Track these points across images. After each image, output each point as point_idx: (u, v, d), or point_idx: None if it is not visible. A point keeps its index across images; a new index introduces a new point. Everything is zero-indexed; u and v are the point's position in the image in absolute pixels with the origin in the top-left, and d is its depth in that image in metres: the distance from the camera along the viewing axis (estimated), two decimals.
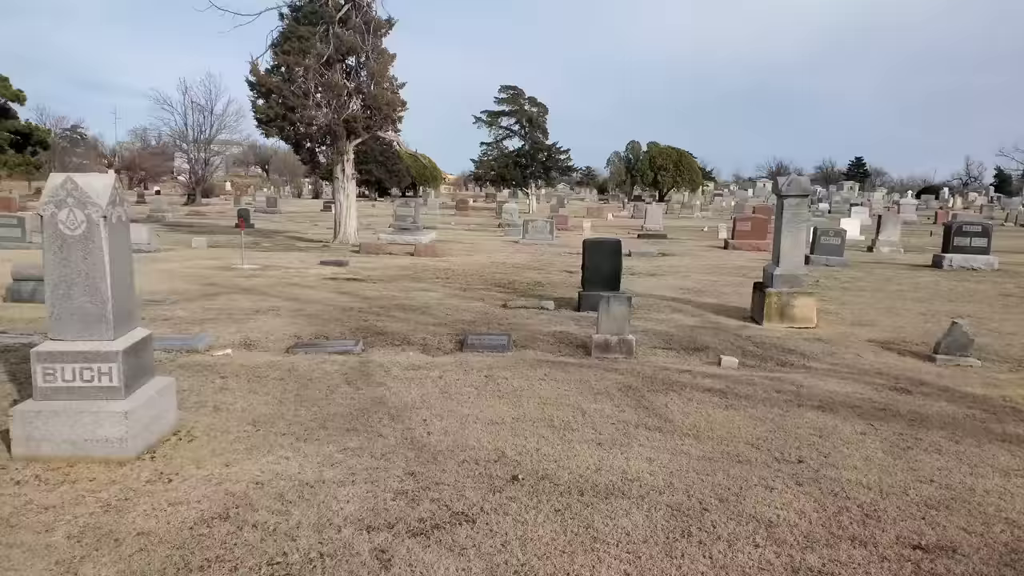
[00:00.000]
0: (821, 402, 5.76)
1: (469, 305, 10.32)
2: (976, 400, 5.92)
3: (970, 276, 15.10)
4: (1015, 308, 11.00)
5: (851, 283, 13.70)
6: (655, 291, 12.23)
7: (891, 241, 21.67)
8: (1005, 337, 8.74)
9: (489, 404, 5.59)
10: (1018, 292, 12.75)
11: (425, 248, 18.09)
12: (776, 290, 9.49)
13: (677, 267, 16.21)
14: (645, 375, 6.51)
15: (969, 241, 16.64)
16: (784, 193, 9.44)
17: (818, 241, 17.10)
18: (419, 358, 7.12)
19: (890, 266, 17.09)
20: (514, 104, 67.35)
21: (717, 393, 5.97)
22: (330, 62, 19.81)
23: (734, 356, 7.46)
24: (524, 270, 15.10)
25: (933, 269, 16.47)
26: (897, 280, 14.26)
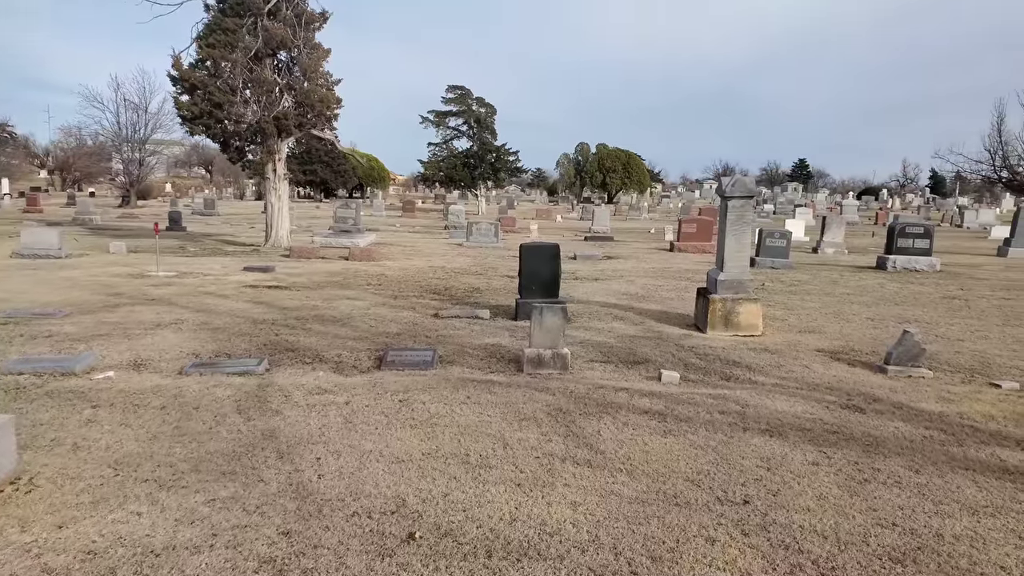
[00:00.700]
0: (769, 425, 5.21)
1: (397, 315, 9.57)
2: (933, 419, 5.46)
3: (913, 278, 14.98)
4: (960, 312, 10.77)
5: (797, 286, 13.39)
6: (597, 297, 11.67)
7: (835, 242, 21.65)
8: (953, 344, 8.40)
9: (398, 436, 4.88)
10: (961, 294, 12.59)
11: (361, 252, 17.23)
12: (720, 297, 9.01)
13: (621, 271, 15.73)
14: (579, 395, 5.89)
15: (912, 243, 16.58)
16: (728, 194, 8.96)
17: (763, 243, 16.84)
18: (329, 379, 6.36)
19: (835, 268, 16.92)
20: (462, 104, 66.56)
21: (655, 416, 5.38)
22: (259, 56, 18.78)
23: (675, 370, 6.90)
24: (463, 275, 14.40)
25: (877, 271, 16.36)
26: (843, 283, 14.02)
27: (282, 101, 19.10)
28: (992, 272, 16.53)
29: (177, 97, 18.88)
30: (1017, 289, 13.46)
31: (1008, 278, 15.32)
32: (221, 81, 18.51)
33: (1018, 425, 5.37)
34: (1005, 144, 50.88)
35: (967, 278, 15.14)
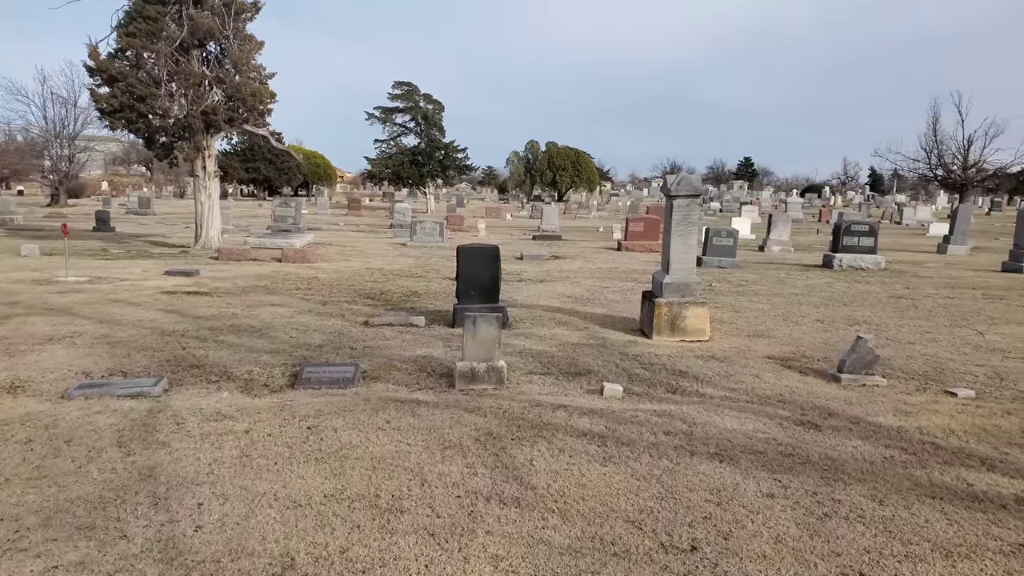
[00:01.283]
0: (718, 447, 4.73)
1: (324, 323, 8.87)
2: (892, 436, 5.06)
3: (860, 276, 14.88)
4: (908, 312, 10.58)
5: (744, 286, 13.10)
6: (542, 300, 11.14)
7: (781, 240, 21.62)
8: (905, 347, 8.12)
9: (300, 473, 4.23)
10: (908, 293, 12.46)
11: (295, 253, 16.37)
12: (666, 300, 8.56)
13: (568, 271, 15.26)
14: (513, 415, 5.32)
15: (857, 240, 16.53)
16: (673, 193, 8.51)
17: (710, 242, 16.58)
18: (233, 402, 5.66)
19: (782, 266, 16.77)
20: (409, 101, 65.40)
21: (595, 439, 4.84)
22: (185, 47, 17.71)
23: (619, 383, 6.40)
24: (403, 277, 13.72)
25: (823, 269, 16.25)
26: (790, 282, 13.80)
27: (211, 95, 18.07)
28: (934, 270, 16.60)
29: (95, 89, 17.68)
30: (960, 287, 13.43)
31: (950, 276, 15.36)
32: (143, 73, 17.40)
33: (980, 440, 5.00)
34: (940, 143, 52.35)
35: (912, 276, 15.12)
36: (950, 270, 16.70)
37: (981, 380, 6.71)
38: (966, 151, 49.78)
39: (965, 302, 11.59)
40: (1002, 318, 10.18)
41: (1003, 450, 4.81)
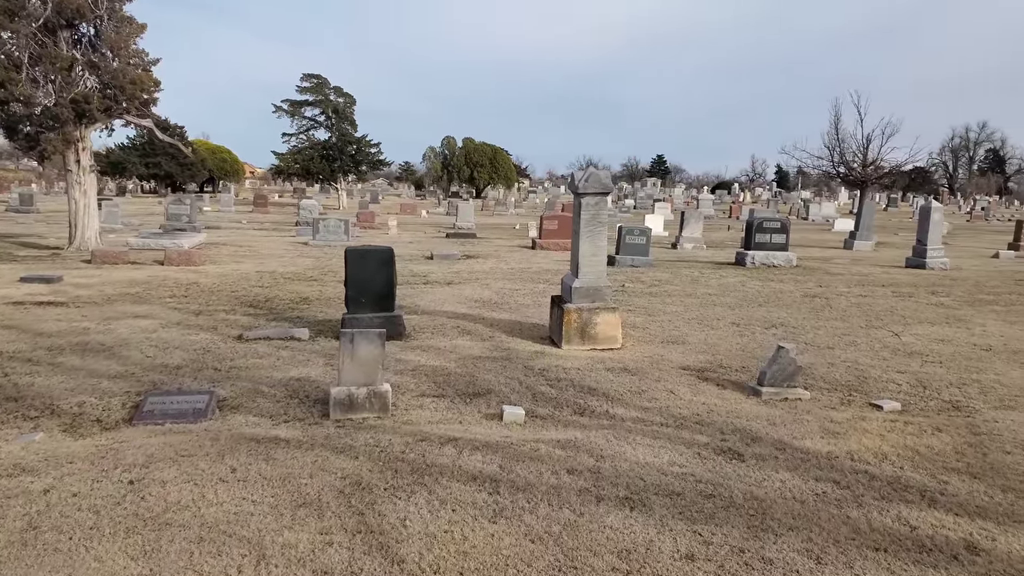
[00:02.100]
0: (629, 490, 4.03)
1: (190, 339, 7.76)
2: (822, 464, 4.49)
3: (773, 274, 14.72)
4: (823, 312, 10.30)
5: (658, 287, 12.65)
6: (446, 306, 10.31)
7: (694, 237, 21.51)
8: (824, 353, 7.72)
9: (99, 554, 3.27)
10: (821, 292, 12.28)
11: (180, 255, 14.94)
12: (575, 306, 7.88)
13: (479, 272, 14.47)
14: (391, 455, 4.48)
15: (769, 238, 16.43)
16: (581, 190, 7.84)
17: (623, 241, 16.14)
18: (44, 447, 4.58)
19: (695, 264, 16.51)
20: (318, 93, 63.14)
21: (487, 484, 4.06)
22: (51, 27, 15.93)
23: (522, 404, 5.65)
24: (296, 281, 12.61)
25: (736, 267, 16.06)
26: (704, 281, 13.45)
27: (83, 81, 16.33)
28: (844, 266, 16.69)
29: None
30: (870, 284, 13.40)
31: (860, 272, 15.42)
32: (1, 55, 15.52)
33: (915, 467, 4.50)
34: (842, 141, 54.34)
35: (823, 273, 15.08)
36: (858, 266, 16.84)
37: (905, 390, 6.31)
38: (865, 149, 51.80)
39: (877, 300, 11.46)
40: (914, 317, 10.02)
41: (941, 478, 4.31)
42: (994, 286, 13.41)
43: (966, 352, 7.85)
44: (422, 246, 20.40)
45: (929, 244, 16.50)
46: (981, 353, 7.81)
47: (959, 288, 13.06)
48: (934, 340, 8.48)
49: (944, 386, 6.42)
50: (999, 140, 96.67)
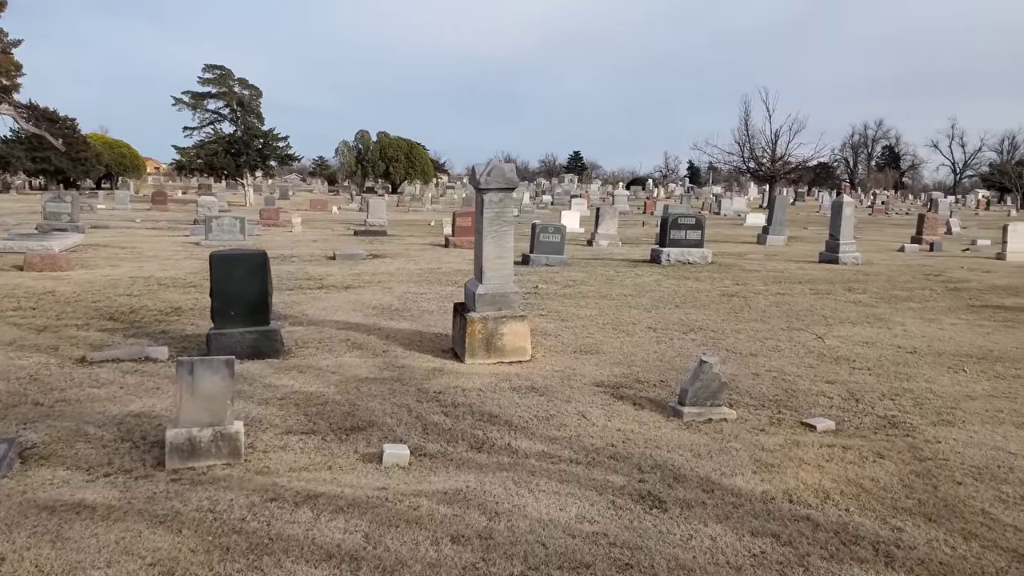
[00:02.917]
0: (526, 564, 3.18)
1: (18, 363, 6.47)
2: (757, 510, 3.78)
3: (689, 272, 14.29)
4: (742, 313, 9.81)
5: (572, 287, 11.95)
6: (340, 314, 9.27)
7: (609, 234, 21.06)
8: (747, 361, 7.13)
9: None
10: (738, 291, 11.86)
11: (45, 259, 13.25)
12: (480, 315, 7.03)
13: (383, 274, 13.43)
14: (227, 525, 3.49)
15: (684, 234, 16.04)
16: (483, 186, 6.98)
17: (537, 239, 15.40)
18: None
19: (610, 262, 15.96)
20: (221, 85, 60.09)
21: (344, 566, 3.14)
22: None
23: (408, 439, 4.75)
24: (172, 288, 11.27)
25: (652, 264, 15.59)
26: (619, 281, 12.86)
27: None
28: (759, 262, 16.49)
29: None
30: (787, 281, 13.12)
31: (775, 269, 15.20)
32: None
33: (862, 506, 3.85)
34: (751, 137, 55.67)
35: (739, 270, 14.77)
36: (773, 262, 16.68)
37: (836, 404, 5.75)
38: (774, 145, 53.21)
39: (796, 299, 11.10)
40: (834, 316, 9.65)
41: (894, 523, 3.67)
42: (906, 281, 13.37)
43: (892, 356, 7.43)
44: (327, 245, 19.15)
45: (842, 239, 16.49)
46: (907, 357, 7.40)
47: (874, 284, 12.93)
48: (858, 342, 8.06)
49: (877, 398, 5.89)
50: (894, 137, 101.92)
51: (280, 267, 14.15)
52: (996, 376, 6.67)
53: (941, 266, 16.18)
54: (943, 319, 9.62)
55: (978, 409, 5.60)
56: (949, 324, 9.28)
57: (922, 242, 21.84)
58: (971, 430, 5.08)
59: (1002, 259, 17.78)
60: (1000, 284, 13.09)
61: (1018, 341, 8.28)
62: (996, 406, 5.68)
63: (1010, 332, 8.81)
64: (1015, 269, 15.72)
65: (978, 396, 5.96)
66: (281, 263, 14.98)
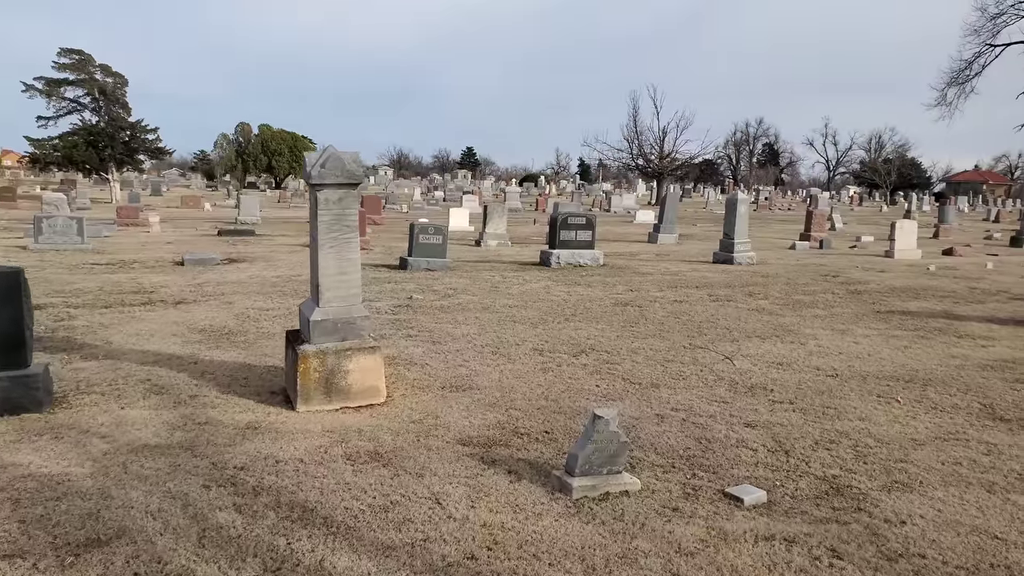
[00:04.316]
0: None
1: None
2: None
3: (580, 276, 13.12)
4: (638, 327, 8.65)
5: (452, 297, 10.49)
6: (153, 341, 7.39)
7: (498, 234, 19.76)
8: (649, 396, 5.88)
9: None
10: (633, 298, 10.75)
11: None
12: (316, 348, 5.43)
13: (231, 284, 11.49)
14: None
15: (575, 235, 14.90)
16: (317, 180, 5.36)
17: (416, 241, 13.82)
18: None
19: (498, 265, 14.61)
20: (81, 72, 54.64)
21: None
22: None
23: (166, 565, 3.13)
24: None
25: (541, 268, 14.36)
26: (505, 288, 11.50)
27: None
28: (652, 264, 15.60)
29: None
30: (683, 286, 12.17)
31: (669, 271, 14.30)
32: None
33: None
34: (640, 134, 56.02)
35: (632, 273, 13.76)
36: (666, 263, 15.83)
37: (763, 459, 4.54)
38: (662, 141, 53.71)
39: (695, 307, 10.08)
40: (739, 329, 8.65)
41: None
42: (805, 284, 12.72)
43: (812, 381, 6.39)
44: (181, 247, 16.82)
45: (736, 238, 15.83)
46: (829, 382, 6.38)
47: (773, 287, 12.17)
48: (771, 363, 7.00)
49: (809, 448, 4.74)
50: (773, 135, 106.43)
51: (110, 276, 11.96)
52: (933, 407, 5.71)
53: (835, 265, 15.82)
54: (854, 329, 8.80)
55: (932, 461, 4.53)
56: (862, 335, 8.45)
57: (811, 239, 21.78)
58: (935, 498, 3.97)
59: (891, 257, 17.73)
60: (898, 286, 12.66)
61: (938, 357, 7.49)
62: (951, 455, 4.64)
63: (927, 345, 8.05)
64: (907, 268, 15.55)
65: (925, 440, 4.93)
66: (115, 271, 12.74)
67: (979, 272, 15.24)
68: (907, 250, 18.03)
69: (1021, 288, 12.87)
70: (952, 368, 7.01)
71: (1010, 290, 12.56)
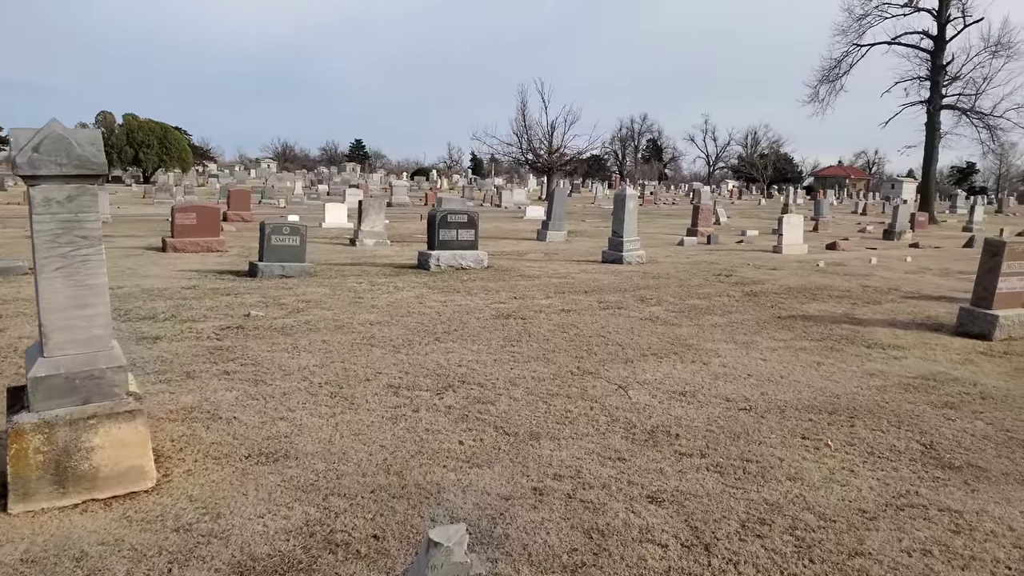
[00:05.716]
0: None
1: None
2: None
3: (460, 282, 11.68)
4: (520, 346, 7.30)
5: (302, 313, 8.79)
6: None
7: (375, 232, 18.03)
8: (524, 453, 4.50)
9: None
10: (516, 309, 9.42)
11: None
12: (41, 417, 3.70)
13: (23, 301, 9.28)
14: None
15: (456, 234, 13.45)
16: (29, 172, 3.62)
17: (268, 243, 11.93)
18: None
19: (370, 269, 12.95)
20: None
21: None
22: None
23: None
24: None
25: (418, 272, 12.83)
26: (371, 299, 9.89)
27: None
28: (539, 265, 14.38)
29: None
30: (571, 291, 10.97)
31: (557, 273, 13.11)
32: None
33: None
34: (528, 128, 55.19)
35: (518, 277, 12.45)
36: (555, 263, 14.66)
37: (676, 563, 3.24)
38: (550, 136, 53.09)
39: (584, 318, 8.86)
40: (633, 346, 7.47)
41: None
42: (699, 285, 11.82)
43: (724, 419, 5.22)
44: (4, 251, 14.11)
45: (625, 236, 14.85)
46: (744, 419, 5.23)
47: (666, 290, 11.17)
48: (673, 393, 5.81)
49: (735, 537, 3.49)
50: (657, 131, 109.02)
51: None
52: (870, 452, 4.64)
53: (726, 263, 15.15)
54: (758, 341, 7.82)
55: (894, 551, 3.39)
56: (768, 349, 7.46)
57: (699, 234, 21.32)
58: None
59: (779, 252, 17.34)
60: (793, 285, 11.98)
61: (855, 375, 6.55)
62: (916, 538, 3.52)
63: (839, 359, 7.13)
64: (797, 265, 15.07)
65: (875, 512, 3.80)
66: None
67: (866, 268, 14.97)
68: (794, 245, 17.72)
69: (909, 285, 12.52)
70: (873, 390, 6.06)
71: (900, 288, 12.16)
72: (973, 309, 8.45)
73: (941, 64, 37.34)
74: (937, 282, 13.09)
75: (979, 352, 7.61)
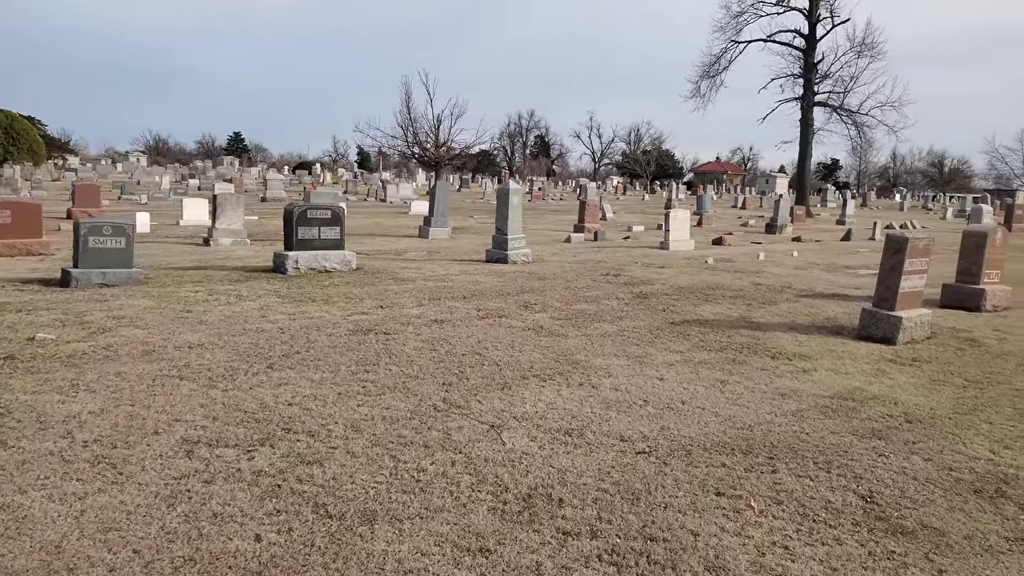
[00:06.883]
0: None
1: None
2: None
3: (319, 287, 10.16)
4: (375, 372, 5.95)
5: (107, 333, 7.05)
6: None
7: (232, 229, 16.11)
8: (349, 552, 3.19)
9: None
10: (380, 321, 8.05)
11: None
12: None
13: None
14: None
15: (318, 232, 11.88)
16: None
17: (86, 245, 9.94)
18: None
19: (216, 273, 11.18)
20: None
21: None
22: None
23: None
24: None
25: (272, 276, 11.19)
26: (203, 311, 8.24)
27: None
28: (418, 265, 13.03)
29: None
30: (448, 297, 9.71)
31: (436, 275, 11.80)
32: None
33: None
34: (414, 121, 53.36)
35: (390, 280, 11.06)
36: (434, 263, 13.36)
37: None
38: (437, 129, 51.53)
39: (459, 331, 7.61)
40: (512, 365, 6.30)
41: None
42: (586, 287, 10.85)
43: (619, 472, 4.11)
44: None
45: (510, 234, 13.74)
46: (643, 470, 4.13)
47: (552, 293, 10.11)
48: (557, 434, 4.65)
49: None
50: (544, 128, 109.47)
51: None
52: (802, 514, 3.65)
53: (614, 261, 14.34)
54: (653, 354, 6.83)
55: None
56: (664, 364, 6.47)
57: (586, 231, 20.60)
58: None
59: (666, 248, 16.78)
60: (684, 285, 11.22)
61: (766, 397, 5.65)
62: None
63: (744, 375, 6.23)
64: (685, 262, 14.45)
65: None
66: None
67: (755, 264, 14.55)
68: (681, 241, 17.23)
69: (800, 282, 12.07)
70: (790, 417, 5.15)
71: (792, 285, 11.67)
72: (876, 311, 7.83)
73: (813, 62, 38.70)
74: (827, 278, 12.75)
75: (887, 359, 6.94)
